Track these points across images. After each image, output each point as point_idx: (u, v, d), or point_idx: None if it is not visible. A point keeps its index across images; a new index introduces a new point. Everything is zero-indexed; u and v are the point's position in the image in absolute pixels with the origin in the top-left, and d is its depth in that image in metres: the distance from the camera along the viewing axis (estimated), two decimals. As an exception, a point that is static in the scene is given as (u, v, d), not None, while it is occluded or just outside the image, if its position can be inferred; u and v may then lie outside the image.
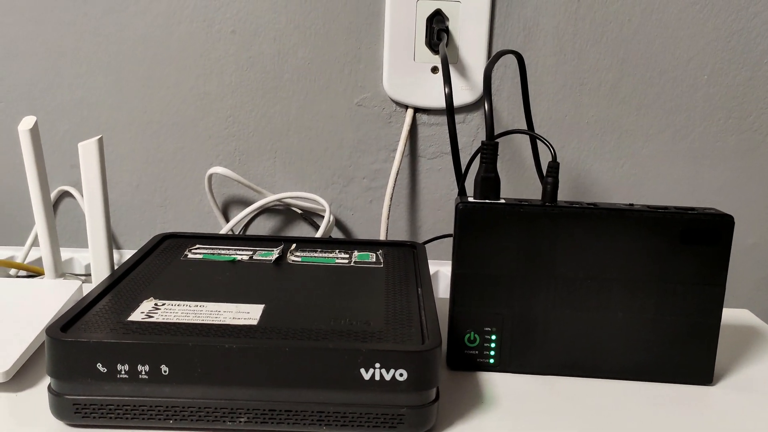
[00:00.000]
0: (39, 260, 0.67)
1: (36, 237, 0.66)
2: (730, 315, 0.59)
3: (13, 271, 0.64)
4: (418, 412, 0.38)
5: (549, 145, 0.46)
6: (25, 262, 0.65)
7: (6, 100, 0.65)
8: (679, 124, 0.65)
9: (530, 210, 0.45)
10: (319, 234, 0.64)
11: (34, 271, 0.62)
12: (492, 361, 0.47)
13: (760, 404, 0.44)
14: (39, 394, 0.42)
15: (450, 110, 0.53)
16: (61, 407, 0.38)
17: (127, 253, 0.68)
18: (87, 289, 0.57)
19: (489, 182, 0.46)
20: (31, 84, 0.65)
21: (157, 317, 0.41)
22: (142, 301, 0.43)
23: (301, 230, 0.68)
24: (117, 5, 0.63)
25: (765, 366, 0.49)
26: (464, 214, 0.45)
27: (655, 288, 0.45)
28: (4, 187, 0.67)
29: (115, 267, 0.61)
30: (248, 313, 0.42)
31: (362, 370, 0.37)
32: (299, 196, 0.65)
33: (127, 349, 0.37)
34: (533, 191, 0.66)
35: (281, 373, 0.37)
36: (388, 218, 0.65)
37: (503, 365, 0.47)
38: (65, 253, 0.67)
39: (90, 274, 0.66)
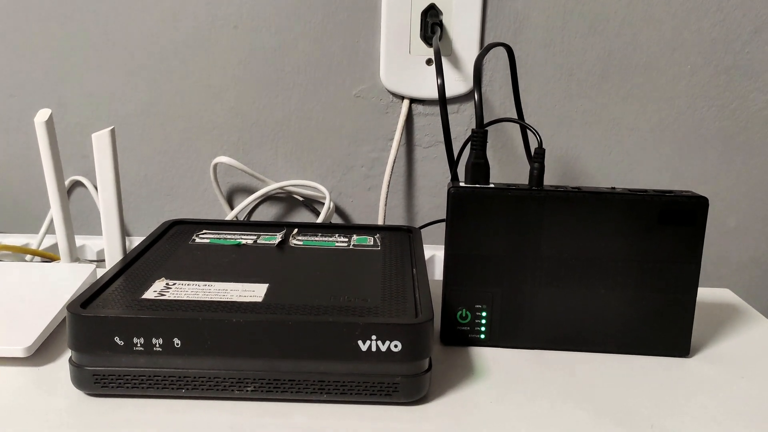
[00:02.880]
0: (51, 247, 0.70)
1: (49, 225, 0.69)
2: (711, 294, 0.62)
3: (28, 257, 0.67)
4: (412, 380, 0.41)
5: (535, 133, 0.49)
6: (40, 249, 0.69)
7: (20, 93, 0.68)
8: (663, 112, 0.67)
9: (517, 194, 0.48)
10: (319, 220, 0.67)
11: (48, 257, 0.65)
12: (483, 336, 0.50)
13: (732, 374, 0.47)
14: (59, 367, 0.45)
15: (442, 101, 0.56)
16: (82, 378, 0.41)
17: (136, 240, 0.71)
18: (100, 273, 0.60)
19: (479, 168, 0.49)
20: (44, 78, 0.68)
21: (169, 295, 0.44)
22: (154, 281, 0.46)
23: (303, 217, 0.71)
24: (125, 3, 0.66)
25: (740, 340, 0.52)
26: (455, 198, 0.48)
27: (635, 266, 0.48)
28: (19, 177, 0.70)
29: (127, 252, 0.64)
30: (253, 292, 0.45)
31: (360, 342, 0.40)
32: (300, 184, 0.68)
33: (143, 323, 0.40)
34: (525, 178, 0.69)
35: (285, 346, 0.40)
36: (385, 204, 0.68)
37: (493, 340, 0.50)
38: (77, 240, 0.70)
39: (101, 260, 0.70)
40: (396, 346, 0.40)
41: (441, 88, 0.56)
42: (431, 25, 0.64)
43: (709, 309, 0.58)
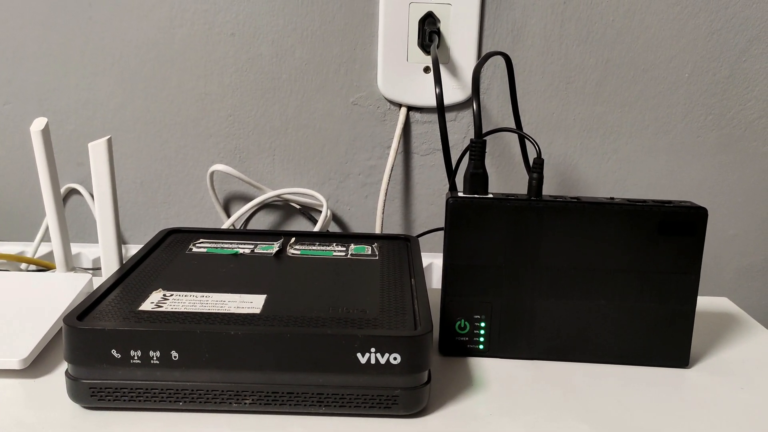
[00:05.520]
0: (47, 255, 0.70)
1: (45, 233, 0.69)
2: (709, 303, 0.62)
3: (23, 266, 0.66)
4: (411, 393, 0.41)
5: (534, 143, 0.48)
6: (35, 257, 0.68)
7: (15, 101, 0.68)
8: (661, 120, 0.67)
9: (516, 204, 0.48)
10: (316, 228, 0.67)
11: (43, 266, 0.65)
12: (481, 347, 0.50)
13: (732, 385, 0.47)
14: (55, 379, 0.44)
15: (441, 109, 0.56)
16: (78, 391, 0.40)
17: (132, 248, 0.71)
18: (96, 282, 0.60)
19: (477, 178, 0.49)
20: (39, 85, 0.67)
21: (166, 307, 0.43)
22: (151, 292, 0.46)
23: (300, 225, 0.71)
24: (121, 10, 0.65)
25: (739, 350, 0.52)
26: (454, 208, 0.48)
27: (635, 276, 0.48)
28: (14, 185, 0.70)
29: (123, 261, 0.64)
30: (251, 303, 0.44)
31: (359, 355, 0.40)
32: (297, 192, 0.68)
33: (140, 336, 0.40)
34: (522, 186, 0.69)
35: (283, 358, 0.40)
36: (382, 213, 0.67)
37: (492, 351, 0.50)
38: (73, 248, 0.70)
39: (97, 268, 0.69)
40: (395, 358, 0.40)
41: (439, 98, 0.56)
42: (429, 33, 0.64)
43: (708, 318, 0.58)
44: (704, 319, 0.58)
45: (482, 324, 0.49)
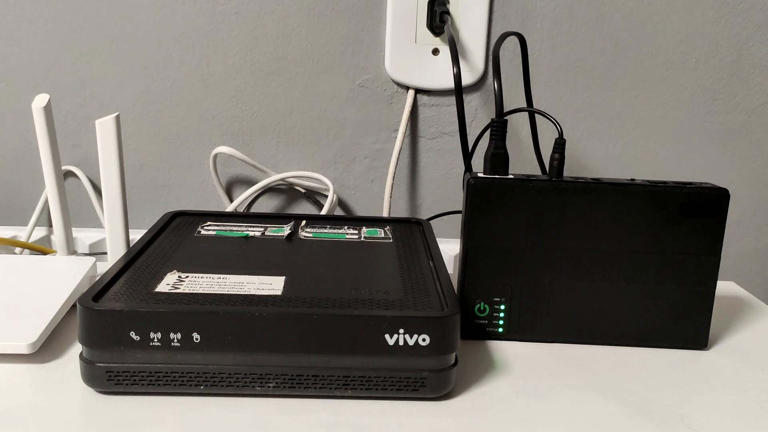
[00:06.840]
0: (40, 240, 0.67)
1: (39, 217, 0.66)
2: (718, 286, 0.62)
3: (17, 251, 0.64)
4: (439, 375, 0.40)
5: (556, 123, 0.48)
6: (29, 242, 0.66)
7: (8, 80, 0.65)
8: (668, 105, 0.67)
9: (538, 185, 0.47)
10: (323, 212, 0.65)
11: (40, 251, 0.63)
12: (501, 330, 0.49)
13: (751, 366, 0.47)
14: (66, 363, 0.43)
15: (458, 89, 0.55)
16: (94, 375, 0.39)
17: (132, 231, 0.69)
18: (100, 266, 0.58)
19: (499, 158, 0.48)
20: (34, 64, 0.65)
21: (184, 288, 0.42)
22: (165, 274, 0.44)
23: (304, 209, 0.70)
24: (120, -15, 0.63)
25: (753, 332, 0.52)
26: (475, 189, 0.47)
27: (655, 258, 0.48)
28: (6, 167, 0.67)
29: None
30: (271, 284, 0.43)
31: (387, 336, 0.39)
32: (303, 176, 0.67)
33: (160, 317, 0.38)
34: (530, 168, 0.68)
35: (309, 340, 0.39)
36: (390, 197, 0.66)
37: (512, 334, 0.49)
38: (69, 233, 0.68)
39: (95, 253, 0.67)
40: (424, 339, 0.39)
41: (457, 78, 0.55)
42: (439, 14, 0.63)
43: (718, 301, 0.58)
44: (715, 302, 0.58)
45: (502, 307, 0.49)
